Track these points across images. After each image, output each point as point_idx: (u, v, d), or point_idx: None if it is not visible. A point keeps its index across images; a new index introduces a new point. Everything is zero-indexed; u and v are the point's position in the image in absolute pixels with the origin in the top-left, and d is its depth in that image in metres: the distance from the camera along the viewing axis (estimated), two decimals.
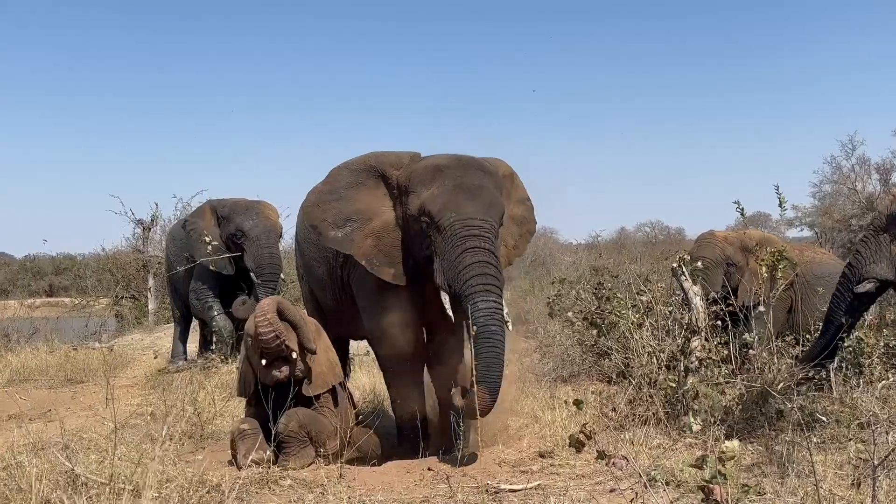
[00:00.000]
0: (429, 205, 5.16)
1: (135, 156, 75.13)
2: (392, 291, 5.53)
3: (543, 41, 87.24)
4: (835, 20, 71.01)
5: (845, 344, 6.27)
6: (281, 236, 10.47)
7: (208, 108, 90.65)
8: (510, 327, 5.14)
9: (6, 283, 28.43)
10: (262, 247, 9.92)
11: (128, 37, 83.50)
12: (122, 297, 18.13)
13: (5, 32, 76.41)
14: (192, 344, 11.36)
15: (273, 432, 5.15)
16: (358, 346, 8.27)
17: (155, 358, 10.44)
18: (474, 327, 4.89)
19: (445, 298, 5.22)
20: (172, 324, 11.90)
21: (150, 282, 16.75)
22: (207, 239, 10.02)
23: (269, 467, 4.85)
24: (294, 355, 5.12)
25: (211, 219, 10.29)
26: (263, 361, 5.09)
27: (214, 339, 10.56)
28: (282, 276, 10.29)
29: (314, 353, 5.22)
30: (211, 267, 10.03)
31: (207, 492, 4.32)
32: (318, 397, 5.30)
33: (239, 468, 4.91)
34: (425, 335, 5.80)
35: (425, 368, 5.87)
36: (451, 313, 5.24)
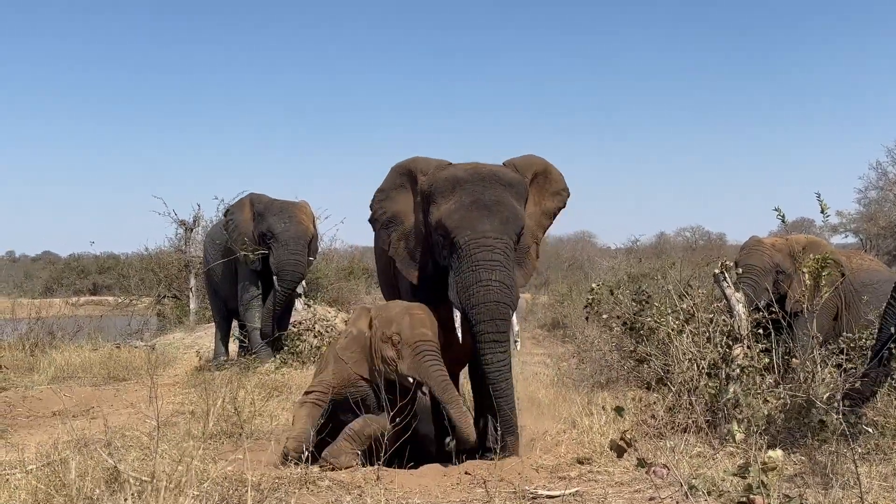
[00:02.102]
0: (445, 220, 5.21)
1: (178, 158, 76.32)
2: (424, 292, 5.63)
3: (584, 48, 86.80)
4: (882, 25, 69.71)
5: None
6: (311, 241, 10.52)
7: (251, 109, 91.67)
8: (518, 346, 5.43)
9: (51, 282, 28.93)
10: (290, 252, 10.04)
11: (172, 41, 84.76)
12: (165, 297, 18.36)
13: (51, 38, 77.99)
14: (234, 344, 11.48)
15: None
16: None
17: (199, 360, 10.55)
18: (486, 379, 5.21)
19: (457, 316, 5.24)
20: (213, 323, 12.02)
21: (192, 281, 16.97)
22: (246, 240, 10.18)
23: (308, 467, 4.87)
24: None
25: (249, 212, 10.43)
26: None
27: (249, 345, 10.61)
28: (303, 284, 10.38)
29: None
30: (242, 260, 10.20)
31: (247, 490, 4.35)
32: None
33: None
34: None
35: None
36: (459, 333, 5.27)
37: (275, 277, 10.07)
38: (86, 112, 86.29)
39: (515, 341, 5.38)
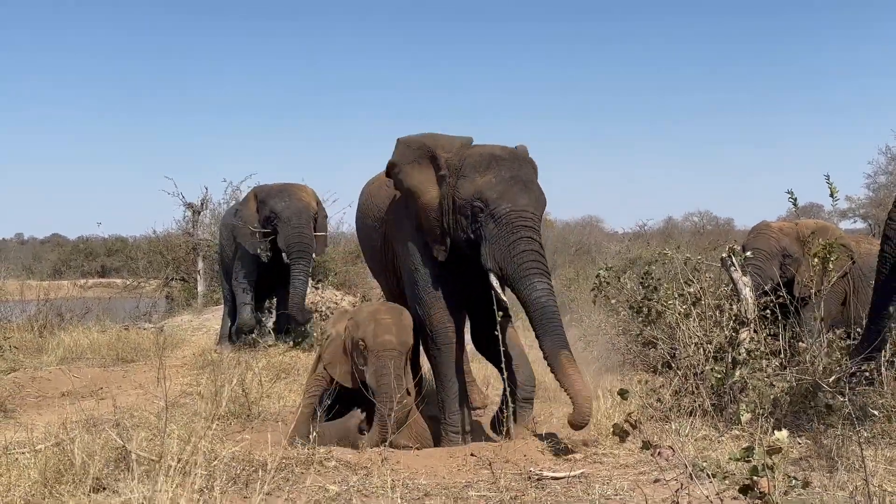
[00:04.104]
0: (486, 192, 5.38)
1: (187, 141, 76.49)
2: (432, 270, 5.77)
3: (599, 34, 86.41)
4: (890, 10, 69.08)
5: None
6: (315, 218, 10.53)
7: (259, 93, 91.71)
8: None
9: (60, 264, 29.03)
10: (293, 227, 10.09)
11: (176, 32, 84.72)
12: (172, 279, 18.40)
13: (56, 25, 78.03)
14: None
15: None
16: None
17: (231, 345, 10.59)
18: (533, 306, 5.27)
19: (495, 281, 5.36)
20: (221, 305, 12.07)
21: (200, 264, 17.00)
22: (252, 229, 10.23)
23: (315, 448, 4.90)
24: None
25: (254, 205, 10.49)
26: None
27: (234, 331, 10.68)
28: (314, 255, 10.36)
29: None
30: (252, 251, 10.24)
31: (254, 470, 4.38)
32: None
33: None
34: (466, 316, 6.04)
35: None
36: (502, 296, 5.42)
37: (284, 255, 10.08)
38: (94, 97, 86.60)
39: None
